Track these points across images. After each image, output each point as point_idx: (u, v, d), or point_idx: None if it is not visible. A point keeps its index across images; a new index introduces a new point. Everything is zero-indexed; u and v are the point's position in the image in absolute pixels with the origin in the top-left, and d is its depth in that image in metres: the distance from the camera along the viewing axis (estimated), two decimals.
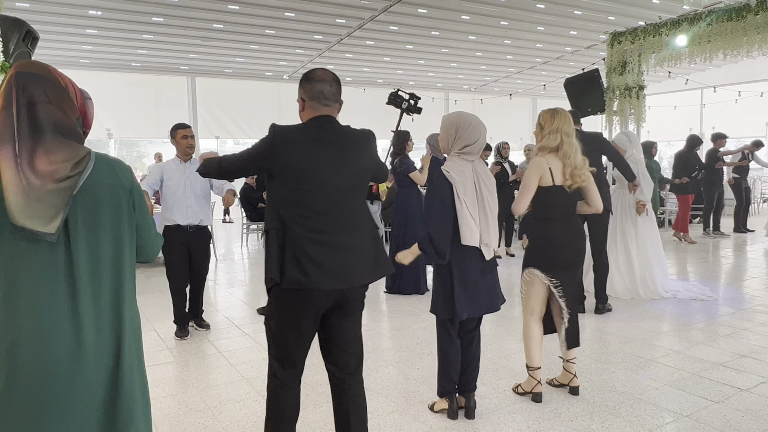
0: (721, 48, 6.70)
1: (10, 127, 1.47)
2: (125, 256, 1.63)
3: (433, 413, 3.12)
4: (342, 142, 2.28)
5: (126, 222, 1.64)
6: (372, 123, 9.00)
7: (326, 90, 2.27)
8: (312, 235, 2.17)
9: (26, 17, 4.90)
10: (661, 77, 13.09)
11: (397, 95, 5.90)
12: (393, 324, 4.94)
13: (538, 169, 3.16)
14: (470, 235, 2.85)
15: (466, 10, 9.88)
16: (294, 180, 2.18)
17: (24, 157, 1.46)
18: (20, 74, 1.53)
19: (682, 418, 3.03)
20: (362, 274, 2.29)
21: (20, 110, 1.50)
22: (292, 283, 2.15)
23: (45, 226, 1.45)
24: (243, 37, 10.97)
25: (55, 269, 1.50)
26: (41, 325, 1.48)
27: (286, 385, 2.33)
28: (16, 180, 1.43)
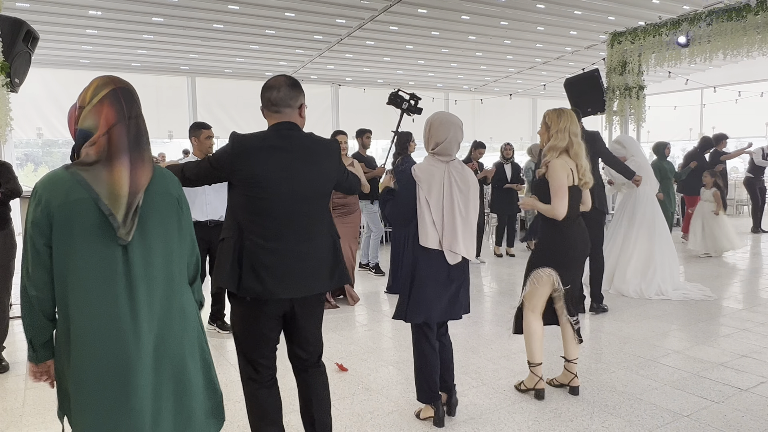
0: (721, 48, 6.71)
1: (125, 140, 1.64)
2: (174, 256, 1.76)
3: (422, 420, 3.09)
4: (301, 150, 2.26)
5: (175, 227, 1.77)
6: (372, 123, 9.00)
7: (273, 96, 2.25)
8: (269, 243, 2.19)
9: (26, 17, 4.90)
10: (661, 77, 13.09)
11: (398, 95, 5.90)
12: (393, 324, 4.94)
13: (565, 169, 3.13)
14: (425, 238, 2.79)
15: (466, 10, 9.88)
16: (251, 188, 2.19)
17: (134, 168, 1.64)
18: (123, 90, 1.69)
19: (682, 418, 3.03)
20: (318, 284, 2.31)
21: (130, 124, 1.67)
22: (248, 291, 2.19)
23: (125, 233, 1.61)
24: (243, 37, 10.96)
25: (115, 269, 1.62)
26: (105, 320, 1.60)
27: (262, 386, 2.37)
28: (126, 188, 1.60)
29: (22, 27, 4.59)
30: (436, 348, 2.97)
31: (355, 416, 3.12)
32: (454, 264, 2.84)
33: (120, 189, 1.60)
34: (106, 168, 1.61)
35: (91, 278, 1.60)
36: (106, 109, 1.64)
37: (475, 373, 3.72)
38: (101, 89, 1.66)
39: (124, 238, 1.61)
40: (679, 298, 5.53)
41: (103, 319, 1.60)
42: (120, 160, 1.62)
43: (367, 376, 3.71)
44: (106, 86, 1.67)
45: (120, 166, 1.61)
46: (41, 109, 12.55)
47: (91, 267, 1.60)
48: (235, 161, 2.18)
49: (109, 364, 1.61)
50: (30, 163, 17.52)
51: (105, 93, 1.65)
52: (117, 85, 1.68)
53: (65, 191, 1.59)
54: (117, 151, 1.62)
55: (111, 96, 1.65)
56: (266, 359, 2.36)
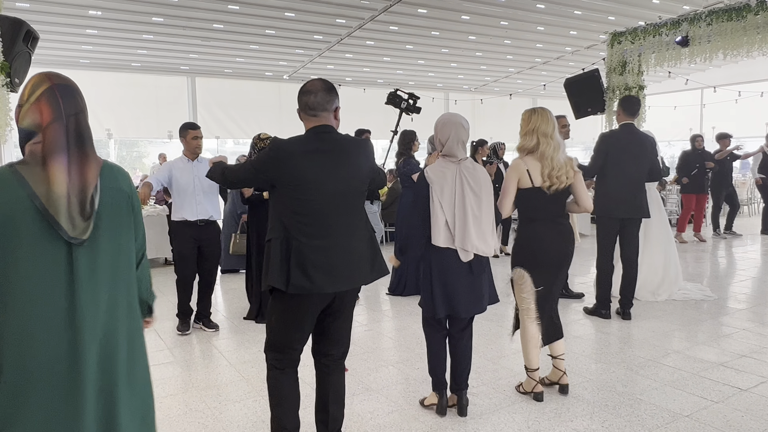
0: (721, 48, 6.70)
1: (63, 138, 1.59)
2: (122, 254, 1.72)
3: (433, 413, 3.11)
4: (338, 150, 2.38)
5: (126, 224, 1.74)
6: (372, 123, 9.00)
7: (311, 101, 2.36)
8: (314, 241, 2.31)
9: (26, 17, 4.89)
10: (661, 77, 13.08)
11: (396, 95, 5.91)
12: (393, 324, 4.94)
13: (515, 172, 3.17)
14: (438, 236, 2.85)
15: (466, 10, 9.88)
16: (295, 190, 2.30)
17: (74, 166, 1.59)
18: (60, 86, 1.64)
19: (682, 418, 3.03)
20: (361, 276, 2.44)
21: (69, 121, 1.62)
22: (297, 289, 2.29)
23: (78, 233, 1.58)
24: (243, 37, 10.96)
25: (59, 268, 1.59)
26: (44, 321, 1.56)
27: (284, 372, 2.49)
28: (64, 188, 1.56)
29: (22, 27, 4.58)
30: (442, 339, 3.07)
31: (355, 416, 3.12)
32: (466, 261, 2.91)
33: (57, 188, 1.56)
34: (43, 167, 1.57)
35: (33, 278, 1.56)
36: (44, 107, 1.60)
37: (475, 372, 3.72)
38: (38, 87, 1.62)
39: (78, 237, 1.57)
40: (680, 298, 5.53)
41: (42, 319, 1.56)
42: (55, 159, 1.58)
43: (367, 376, 3.71)
44: (43, 83, 1.63)
45: (56, 165, 1.57)
46: None
47: (32, 266, 1.56)
48: (278, 166, 2.30)
49: (46, 366, 1.56)
50: None
51: (42, 90, 1.61)
52: (54, 82, 1.64)
53: (9, 189, 1.56)
54: (52, 150, 1.58)
55: (47, 93, 1.61)
56: (297, 351, 2.49)
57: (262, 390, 3.47)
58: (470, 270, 2.92)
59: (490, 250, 2.96)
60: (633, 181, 4.77)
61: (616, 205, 4.78)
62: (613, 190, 4.77)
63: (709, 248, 8.70)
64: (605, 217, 4.87)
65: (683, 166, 9.23)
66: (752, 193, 12.57)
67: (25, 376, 1.56)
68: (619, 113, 4.99)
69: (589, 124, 14.98)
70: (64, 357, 1.57)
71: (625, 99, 5.04)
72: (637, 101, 5.03)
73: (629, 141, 4.81)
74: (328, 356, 2.57)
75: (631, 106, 4.93)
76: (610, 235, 4.89)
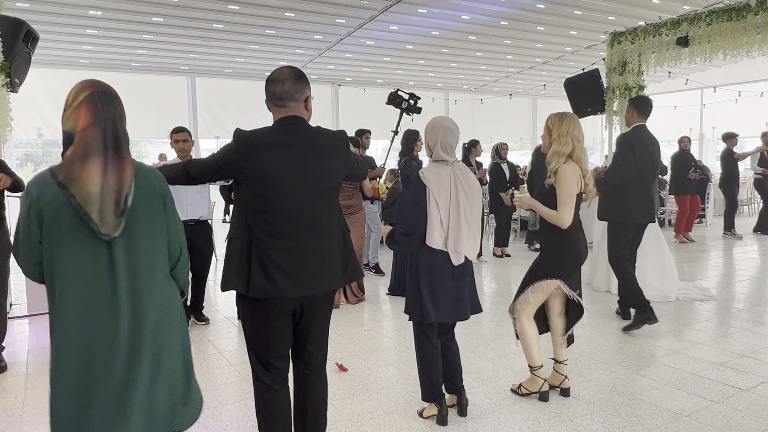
0: (721, 48, 6.70)
1: (100, 141, 1.71)
2: (157, 252, 1.85)
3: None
4: (307, 144, 2.19)
5: (159, 222, 1.86)
6: (372, 123, 9.00)
7: (278, 90, 2.19)
8: (278, 242, 2.14)
9: (26, 17, 4.90)
10: (661, 77, 13.09)
11: (397, 95, 5.90)
12: (393, 324, 4.94)
13: (574, 176, 3.05)
14: (432, 237, 2.83)
15: (466, 10, 9.88)
16: (258, 186, 2.13)
17: (110, 168, 1.71)
18: (100, 93, 1.76)
19: (682, 418, 3.03)
20: (331, 280, 2.27)
21: (107, 125, 1.74)
22: (258, 291, 2.13)
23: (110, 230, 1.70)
24: (243, 37, 10.97)
25: (100, 264, 1.72)
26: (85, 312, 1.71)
27: (272, 388, 2.31)
28: (98, 188, 1.68)
29: (22, 27, 4.58)
30: (438, 346, 2.99)
31: (355, 416, 3.12)
32: (457, 264, 2.87)
33: (92, 188, 1.68)
34: (79, 168, 1.69)
35: (76, 272, 1.70)
36: (83, 112, 1.72)
37: (475, 373, 3.72)
38: (80, 93, 1.75)
39: (109, 234, 1.70)
40: (680, 298, 5.53)
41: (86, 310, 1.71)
42: (91, 161, 1.69)
43: (367, 376, 3.71)
44: (85, 90, 1.75)
45: (91, 167, 1.69)
46: (41, 109, 12.56)
47: (75, 262, 1.70)
48: (240, 159, 2.13)
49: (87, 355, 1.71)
50: (30, 163, 17.50)
51: (83, 97, 1.74)
52: (95, 89, 1.77)
53: (51, 191, 1.69)
54: (89, 152, 1.70)
55: (88, 99, 1.73)
56: (278, 360, 2.30)
57: None
58: (458, 275, 2.89)
59: (476, 253, 3.00)
60: (647, 185, 4.62)
61: (640, 211, 4.58)
62: (631, 195, 4.53)
63: (709, 248, 8.70)
64: (624, 223, 4.60)
65: (681, 167, 9.23)
66: (752, 193, 12.58)
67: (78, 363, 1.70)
68: (632, 114, 4.71)
69: (589, 124, 15.01)
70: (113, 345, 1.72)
71: (638, 99, 4.77)
72: (649, 102, 4.78)
73: (646, 143, 4.61)
74: (304, 362, 2.40)
75: (644, 107, 4.70)
76: (625, 241, 4.63)
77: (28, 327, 4.97)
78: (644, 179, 4.56)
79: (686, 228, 9.32)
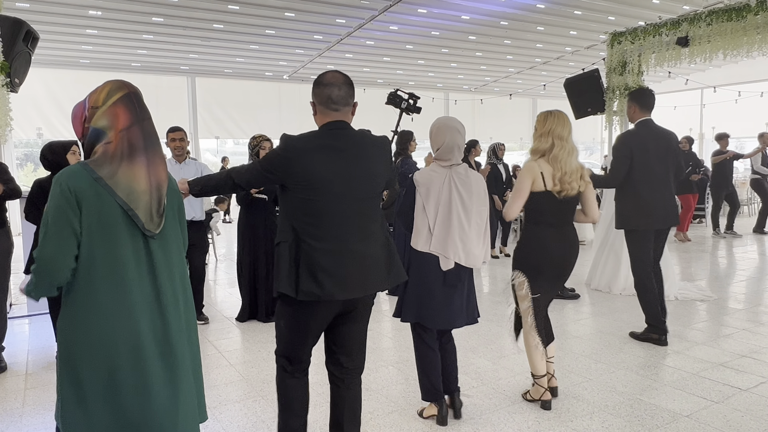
0: (721, 48, 6.70)
1: (141, 140, 1.75)
2: (182, 249, 1.93)
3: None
4: (355, 149, 2.23)
5: (179, 220, 1.93)
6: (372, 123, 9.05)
7: (335, 94, 2.22)
8: (325, 245, 2.16)
9: (26, 17, 4.90)
10: (661, 77, 13.09)
11: (396, 95, 5.90)
12: (393, 324, 4.94)
13: (530, 174, 3.05)
14: (416, 239, 2.81)
15: (466, 10, 9.88)
16: (307, 190, 2.15)
17: (151, 166, 1.76)
18: (135, 94, 1.80)
19: (682, 418, 3.03)
20: (376, 283, 2.29)
21: (144, 126, 1.78)
22: (307, 295, 2.16)
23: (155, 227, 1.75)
24: (243, 37, 10.96)
25: (141, 263, 1.75)
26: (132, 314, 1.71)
27: (293, 376, 2.40)
28: (146, 185, 1.72)
29: (22, 27, 4.58)
30: (435, 347, 2.98)
31: None
32: (447, 270, 2.82)
33: (139, 185, 1.71)
34: (126, 166, 1.71)
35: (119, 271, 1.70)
36: (121, 112, 1.73)
37: (475, 373, 3.72)
38: (115, 92, 1.76)
39: (152, 231, 1.74)
40: (680, 298, 5.53)
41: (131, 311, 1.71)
42: (138, 159, 1.73)
43: (366, 376, 3.70)
44: (120, 90, 1.77)
45: (139, 164, 1.72)
46: (41, 109, 12.55)
47: (119, 260, 1.70)
48: (289, 164, 2.14)
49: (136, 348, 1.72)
50: (30, 163, 17.51)
51: (119, 96, 1.75)
52: (130, 90, 1.80)
53: (90, 185, 1.67)
54: (135, 150, 1.73)
55: (125, 99, 1.76)
56: (304, 355, 2.40)
57: (263, 390, 3.48)
58: (450, 281, 2.83)
59: (476, 261, 2.87)
60: (663, 185, 4.24)
61: (652, 216, 4.19)
62: (644, 198, 4.18)
63: (709, 248, 8.70)
64: (639, 231, 4.25)
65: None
66: (752, 193, 12.58)
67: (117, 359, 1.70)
68: (633, 110, 4.41)
69: (589, 124, 15.00)
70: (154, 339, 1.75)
71: (637, 92, 4.46)
72: (650, 93, 4.45)
73: (653, 140, 4.25)
74: (342, 368, 2.43)
75: (645, 100, 4.37)
76: (648, 248, 4.27)
77: (28, 327, 4.97)
78: (651, 180, 4.20)
79: (681, 228, 9.33)
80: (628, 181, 4.23)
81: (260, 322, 5.00)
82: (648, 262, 4.27)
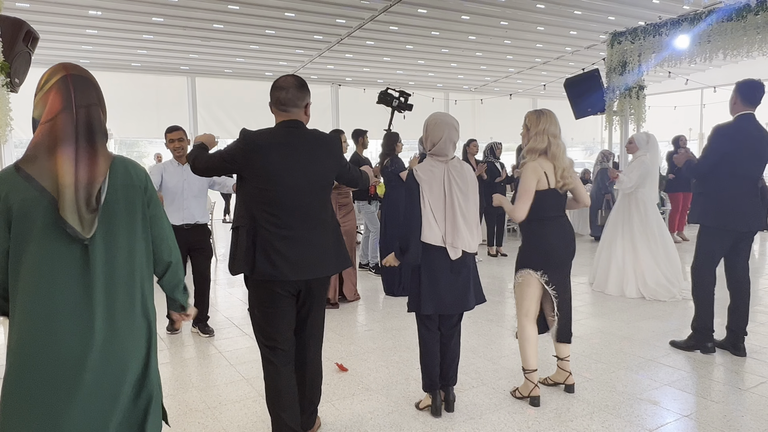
0: (721, 48, 6.71)
1: (71, 128, 1.53)
2: (138, 253, 1.67)
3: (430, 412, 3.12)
4: (306, 145, 2.49)
5: (140, 220, 1.68)
6: (372, 123, 8.99)
7: (282, 96, 2.48)
8: (280, 231, 2.41)
9: (26, 17, 4.89)
10: (661, 77, 13.09)
11: (387, 93, 5.92)
12: (393, 324, 4.94)
13: (534, 174, 3.12)
14: (429, 233, 2.90)
15: (466, 10, 9.88)
16: (262, 181, 2.40)
17: (82, 159, 1.53)
18: (74, 76, 1.58)
19: (682, 418, 3.03)
20: (325, 267, 2.55)
21: (79, 112, 1.55)
22: (262, 275, 2.41)
23: (84, 229, 1.51)
24: (243, 37, 10.96)
25: (73, 267, 1.54)
26: (54, 320, 1.52)
27: (278, 368, 2.55)
28: (72, 179, 1.49)
29: (22, 27, 4.58)
30: (437, 338, 3.08)
31: (355, 416, 3.12)
32: (455, 259, 2.94)
33: (63, 179, 1.49)
34: (48, 158, 1.50)
35: (45, 278, 1.51)
36: (53, 97, 1.54)
37: (475, 373, 3.72)
38: (52, 76, 1.57)
39: (82, 235, 1.50)
40: (680, 298, 5.53)
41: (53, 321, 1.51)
42: (62, 150, 1.51)
43: (367, 376, 3.71)
44: (57, 73, 1.58)
45: (62, 156, 1.50)
46: None
47: (45, 266, 1.51)
48: (246, 155, 2.41)
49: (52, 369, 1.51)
50: None
51: (55, 80, 1.56)
52: (69, 72, 1.58)
53: (19, 188, 1.50)
54: (59, 140, 1.51)
55: (60, 83, 1.56)
56: (283, 341, 2.55)
57: (262, 390, 3.46)
58: (457, 267, 2.96)
59: (476, 246, 3.04)
60: (752, 186, 3.90)
61: (734, 216, 3.85)
62: (730, 196, 3.85)
63: None
64: (720, 229, 3.91)
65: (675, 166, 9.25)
66: None
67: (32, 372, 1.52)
68: (735, 102, 3.96)
69: (589, 124, 15.00)
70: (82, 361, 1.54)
71: (744, 83, 3.93)
72: (759, 86, 3.90)
73: (750, 137, 3.86)
74: (303, 348, 2.67)
75: (751, 93, 3.89)
76: (717, 250, 3.98)
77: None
78: (743, 178, 3.86)
79: (678, 227, 9.33)
80: (716, 176, 3.90)
81: None
82: (713, 264, 4.00)
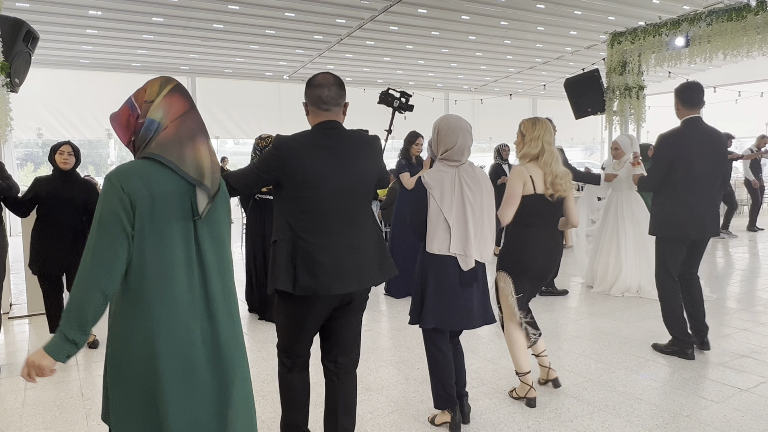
0: (721, 48, 6.72)
1: (200, 125, 1.80)
2: (228, 244, 1.87)
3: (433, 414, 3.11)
4: (346, 147, 2.29)
5: (227, 212, 1.88)
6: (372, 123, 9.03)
7: (324, 95, 2.28)
8: (321, 240, 2.23)
9: (26, 17, 4.90)
10: (661, 77, 13.09)
11: (388, 94, 5.91)
12: (393, 324, 4.94)
13: (520, 178, 3.12)
14: (432, 244, 2.74)
15: (466, 10, 9.88)
16: (301, 188, 2.21)
17: (210, 148, 1.80)
18: (182, 86, 1.86)
19: (682, 418, 3.03)
20: (370, 277, 2.35)
21: (197, 113, 1.83)
22: (304, 290, 2.21)
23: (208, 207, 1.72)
24: (243, 37, 10.97)
25: (191, 258, 1.71)
26: (181, 309, 1.67)
27: (293, 371, 2.45)
28: (209, 164, 1.74)
29: (22, 27, 4.59)
30: (448, 352, 2.90)
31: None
32: (466, 270, 2.77)
33: (203, 162, 1.74)
34: (189, 146, 1.74)
35: (172, 268, 1.67)
36: (177, 100, 1.79)
37: (475, 373, 3.72)
38: (166, 84, 1.81)
39: (202, 211, 1.71)
40: None
41: (182, 307, 1.67)
42: (201, 138, 1.77)
43: (367, 376, 3.71)
44: (170, 82, 1.83)
45: (201, 143, 1.76)
46: (41, 109, 12.54)
47: (171, 256, 1.67)
48: (282, 161, 2.21)
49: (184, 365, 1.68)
50: (30, 163, 17.52)
51: (171, 87, 1.81)
52: (176, 83, 1.86)
53: (146, 182, 1.65)
54: (195, 133, 1.77)
55: (178, 89, 1.82)
56: (302, 348, 2.44)
57: (262, 390, 3.48)
58: (467, 280, 2.78)
59: (489, 254, 2.85)
60: (705, 192, 3.82)
61: (688, 225, 3.81)
62: (683, 205, 3.80)
63: (708, 248, 8.70)
64: (673, 238, 3.90)
65: None
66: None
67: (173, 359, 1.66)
68: (678, 108, 4.00)
69: (589, 124, 15.00)
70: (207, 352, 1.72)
71: (681, 88, 3.96)
72: (696, 88, 3.94)
73: (698, 142, 3.83)
74: (336, 363, 2.46)
75: (689, 95, 3.92)
76: (678, 259, 3.95)
77: (28, 327, 4.97)
78: (694, 185, 3.80)
79: None
80: (667, 185, 3.87)
81: (264, 321, 4.99)
82: (674, 272, 3.98)
